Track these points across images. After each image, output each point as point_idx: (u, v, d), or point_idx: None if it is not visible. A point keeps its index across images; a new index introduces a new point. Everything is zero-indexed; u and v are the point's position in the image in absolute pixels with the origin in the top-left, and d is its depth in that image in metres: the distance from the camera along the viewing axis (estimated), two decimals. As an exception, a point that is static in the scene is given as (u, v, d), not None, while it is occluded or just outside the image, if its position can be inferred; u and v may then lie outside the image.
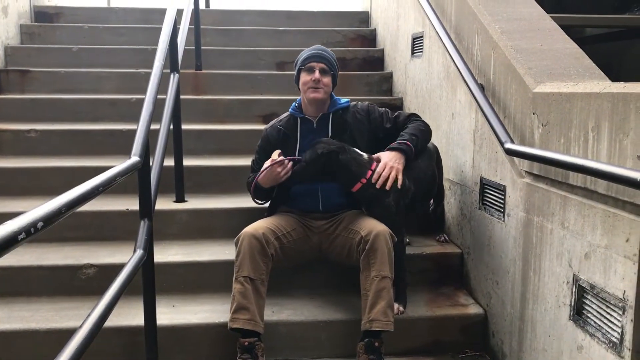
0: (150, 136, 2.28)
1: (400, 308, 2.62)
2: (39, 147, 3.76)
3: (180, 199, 3.35)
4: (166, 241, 3.07)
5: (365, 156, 2.59)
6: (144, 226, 2.19)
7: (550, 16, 2.89)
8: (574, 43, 2.59)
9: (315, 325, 2.60)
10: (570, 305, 1.96)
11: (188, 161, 3.47)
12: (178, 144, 3.34)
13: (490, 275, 2.66)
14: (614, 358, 1.72)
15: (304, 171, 2.57)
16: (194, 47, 4.49)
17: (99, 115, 4.11)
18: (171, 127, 3.15)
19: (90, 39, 4.91)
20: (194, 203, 3.32)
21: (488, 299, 2.69)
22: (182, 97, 3.52)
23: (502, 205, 2.53)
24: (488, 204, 2.70)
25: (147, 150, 2.20)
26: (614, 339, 1.72)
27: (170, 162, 3.24)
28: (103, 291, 1.72)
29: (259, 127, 3.89)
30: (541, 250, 2.17)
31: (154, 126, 2.43)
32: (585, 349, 1.87)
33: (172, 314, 2.61)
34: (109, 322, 1.74)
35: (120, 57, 4.67)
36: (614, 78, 2.19)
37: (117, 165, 1.88)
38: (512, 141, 2.27)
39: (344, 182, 2.58)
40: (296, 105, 2.80)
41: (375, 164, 2.58)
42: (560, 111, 2.05)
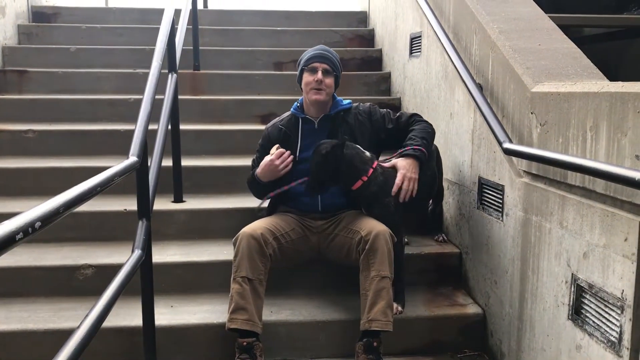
0: (149, 136, 2.27)
1: (399, 308, 2.62)
2: (37, 148, 3.75)
3: (178, 199, 3.35)
4: (164, 241, 3.06)
5: (367, 153, 2.59)
6: (142, 226, 2.18)
7: (549, 16, 2.89)
8: (572, 43, 2.59)
9: (314, 325, 2.59)
10: (568, 304, 1.96)
11: (186, 161, 3.46)
12: (176, 144, 3.34)
13: (489, 275, 2.66)
14: (612, 357, 1.72)
15: (314, 180, 2.56)
16: (191, 48, 4.48)
17: (97, 115, 4.10)
18: (169, 128, 3.15)
19: (88, 39, 4.90)
20: (192, 203, 3.32)
21: (486, 299, 2.69)
22: (180, 97, 3.52)
23: (501, 205, 2.53)
24: (486, 203, 2.70)
25: (145, 151, 2.20)
26: (613, 338, 1.72)
27: (168, 163, 3.24)
28: (101, 292, 1.71)
29: (257, 127, 3.91)
30: (540, 249, 2.17)
31: (152, 126, 2.43)
32: (584, 349, 1.88)
33: (171, 314, 2.60)
34: (107, 323, 1.73)
35: (118, 58, 4.66)
36: (612, 78, 2.19)
37: (115, 166, 1.88)
38: (511, 141, 2.27)
39: (346, 180, 2.57)
40: (298, 105, 2.80)
41: (376, 163, 2.59)
42: (558, 111, 2.05)
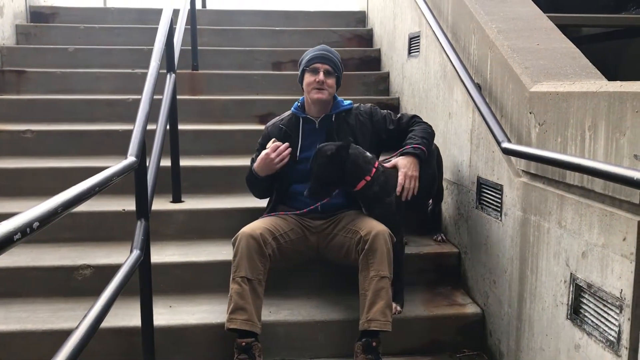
0: (147, 136, 2.27)
1: (398, 308, 2.62)
2: (35, 148, 3.75)
3: (177, 199, 3.34)
4: (163, 242, 3.06)
5: (367, 153, 2.60)
6: (140, 226, 2.18)
7: (547, 15, 2.89)
8: (571, 42, 2.59)
9: (313, 326, 2.59)
10: (567, 304, 1.96)
11: (185, 161, 3.46)
12: (174, 144, 3.34)
13: (488, 274, 2.66)
14: (611, 357, 1.72)
15: (317, 184, 2.54)
16: (190, 48, 4.48)
17: (96, 115, 4.09)
18: (168, 128, 3.14)
19: (86, 39, 4.89)
20: (190, 203, 3.32)
21: (485, 299, 2.69)
22: (179, 98, 3.52)
23: (499, 205, 2.53)
24: (485, 203, 2.70)
25: (144, 151, 2.20)
26: (611, 338, 1.72)
27: (166, 163, 3.24)
28: (100, 292, 1.71)
29: (256, 127, 3.91)
30: (538, 249, 2.17)
31: (150, 126, 2.43)
32: (582, 348, 1.88)
33: (169, 314, 2.60)
34: (106, 323, 1.73)
35: (116, 58, 4.65)
36: (611, 77, 2.19)
37: (114, 166, 1.88)
38: (509, 140, 2.27)
39: (350, 180, 2.56)
40: (299, 104, 2.80)
41: (378, 163, 2.59)
42: (557, 110, 2.05)
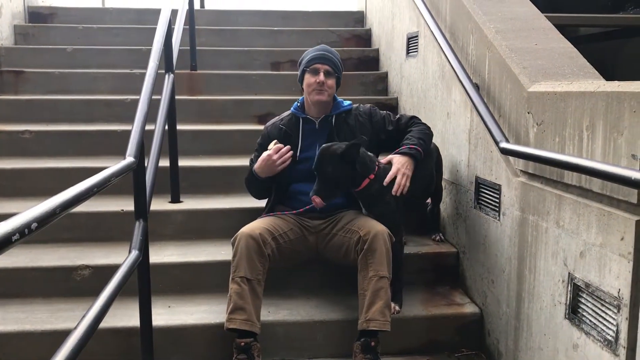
0: (146, 137, 2.27)
1: (397, 307, 2.62)
2: (34, 148, 3.74)
3: (175, 200, 3.34)
4: (162, 242, 3.06)
5: (369, 152, 2.61)
6: (139, 227, 2.18)
7: (545, 15, 2.90)
8: (569, 42, 2.60)
9: (312, 325, 2.59)
10: (565, 303, 1.97)
11: (183, 162, 3.46)
12: (173, 144, 3.34)
13: (486, 274, 2.67)
14: (609, 356, 1.72)
15: (325, 183, 2.49)
16: (188, 48, 4.48)
17: (94, 116, 4.09)
18: (166, 128, 3.14)
19: (84, 40, 4.89)
20: (189, 203, 3.32)
21: (484, 298, 2.70)
22: (177, 98, 3.52)
23: (498, 205, 2.53)
24: (483, 203, 2.70)
25: (142, 151, 2.20)
26: (609, 337, 1.72)
27: (165, 163, 3.24)
28: (98, 292, 1.71)
29: (254, 128, 3.91)
30: (536, 249, 2.17)
31: (149, 127, 2.43)
32: (580, 348, 1.88)
33: (168, 314, 2.60)
34: (105, 323, 1.73)
35: (115, 58, 4.65)
36: (609, 77, 2.19)
37: (112, 166, 1.88)
38: (507, 140, 2.27)
39: (356, 179, 2.55)
40: (298, 104, 2.81)
41: (378, 161, 2.60)
42: (555, 110, 2.06)
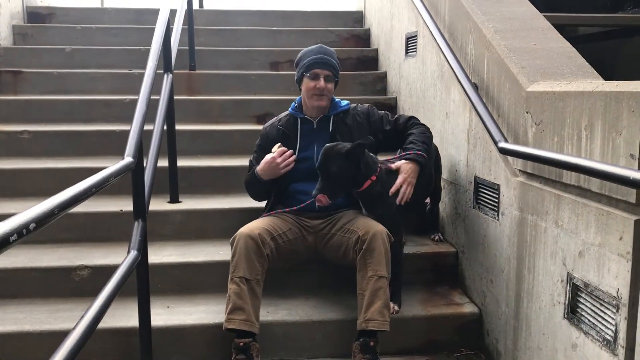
0: (144, 137, 2.27)
1: (395, 307, 2.62)
2: (32, 149, 3.74)
3: (174, 200, 3.34)
4: (161, 242, 3.06)
5: (371, 153, 2.61)
6: (137, 227, 2.18)
7: (544, 15, 2.90)
8: (567, 42, 2.60)
9: (310, 325, 2.59)
10: (564, 303, 1.97)
11: (182, 162, 3.46)
12: (172, 144, 3.34)
13: (485, 274, 2.67)
14: (608, 356, 1.72)
15: (329, 182, 2.48)
16: (187, 48, 4.48)
17: (93, 116, 4.09)
18: (165, 128, 3.14)
19: (83, 40, 4.89)
20: (188, 204, 3.32)
21: (483, 298, 2.70)
22: (176, 98, 3.52)
23: (496, 204, 2.53)
24: (482, 203, 2.71)
25: (141, 151, 2.20)
26: (608, 337, 1.72)
27: (164, 163, 3.23)
28: (97, 292, 1.71)
29: (253, 128, 3.91)
30: (535, 249, 2.17)
31: (147, 127, 2.43)
32: (579, 347, 1.88)
33: (167, 314, 2.60)
34: (103, 324, 1.73)
35: (113, 58, 4.65)
36: (607, 77, 2.19)
37: (111, 166, 1.88)
38: (506, 140, 2.27)
39: (359, 180, 2.54)
40: (296, 105, 2.81)
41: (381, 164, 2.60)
42: (553, 110, 2.06)
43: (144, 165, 2.37)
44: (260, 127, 2.99)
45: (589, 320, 1.83)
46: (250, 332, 2.37)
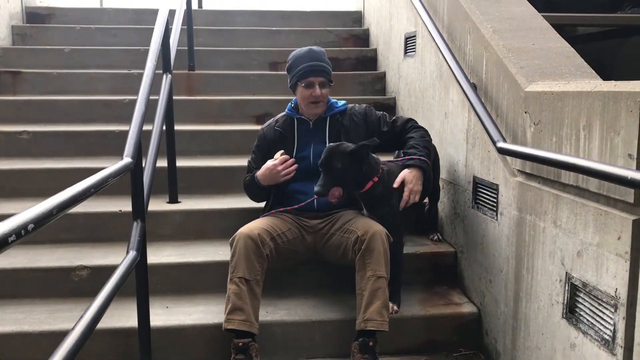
0: (143, 137, 2.27)
1: (395, 307, 2.62)
2: (31, 149, 3.74)
3: (173, 200, 3.34)
4: (160, 242, 3.06)
5: (373, 155, 2.61)
6: (136, 227, 2.18)
7: (542, 15, 2.90)
8: (566, 42, 2.60)
9: (310, 325, 2.59)
10: (563, 303, 1.97)
11: (181, 162, 3.46)
12: (171, 144, 3.34)
13: (484, 274, 2.67)
14: (606, 356, 1.72)
15: (331, 181, 2.46)
16: (186, 48, 4.48)
17: (92, 116, 4.09)
18: (164, 128, 3.14)
19: (82, 40, 4.89)
20: (187, 204, 3.32)
21: (482, 298, 2.70)
22: (175, 98, 3.51)
23: (495, 204, 2.53)
24: (481, 203, 2.71)
25: (140, 152, 2.20)
26: (607, 337, 1.72)
27: (163, 163, 3.24)
28: (96, 293, 1.71)
29: (253, 128, 3.91)
30: (534, 248, 2.17)
31: (146, 127, 2.43)
32: (578, 347, 1.88)
33: (166, 315, 2.60)
34: (102, 324, 1.73)
35: (112, 58, 4.65)
36: (606, 77, 2.19)
37: (109, 167, 1.88)
38: (505, 140, 2.27)
39: (361, 180, 2.54)
40: (292, 105, 2.81)
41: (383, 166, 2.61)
42: (552, 110, 2.06)
43: (143, 165, 2.37)
44: (259, 127, 2.99)
45: (588, 320, 1.83)
46: (250, 333, 2.37)
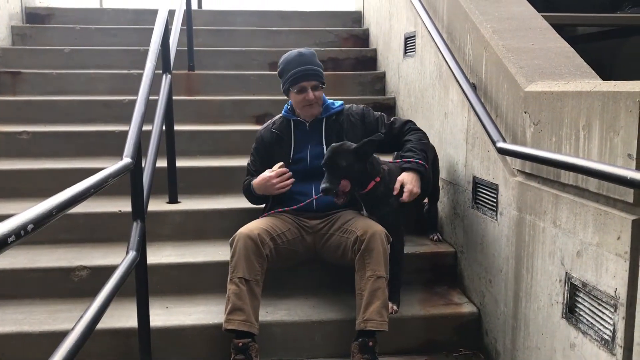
0: (143, 137, 2.27)
1: (394, 307, 2.62)
2: (31, 149, 3.74)
3: (173, 200, 3.34)
4: (160, 242, 3.06)
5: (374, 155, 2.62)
6: (136, 227, 2.18)
7: (542, 15, 2.90)
8: (565, 42, 2.60)
9: (309, 326, 2.60)
10: (562, 303, 1.97)
11: (181, 162, 3.46)
12: (171, 145, 3.34)
13: (484, 274, 2.67)
14: (606, 355, 1.72)
15: (336, 180, 2.45)
16: (186, 48, 4.48)
17: (92, 116, 4.09)
18: (164, 128, 3.14)
19: (82, 40, 4.89)
20: (187, 204, 3.32)
21: (481, 298, 2.70)
22: (175, 98, 3.51)
23: (495, 204, 2.53)
24: (481, 202, 2.71)
25: (140, 152, 2.20)
26: (606, 337, 1.72)
27: (163, 163, 3.24)
28: (96, 293, 1.71)
29: (252, 128, 3.91)
30: (534, 248, 2.18)
31: (146, 127, 2.43)
32: (577, 347, 1.88)
33: (166, 315, 2.60)
34: (102, 324, 1.73)
35: (112, 58, 4.65)
36: (606, 77, 2.19)
37: (109, 167, 1.88)
38: (504, 140, 2.27)
39: (364, 180, 2.53)
40: (288, 107, 2.81)
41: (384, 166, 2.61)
42: (551, 110, 2.06)
43: (143, 165, 2.37)
44: (259, 127, 2.99)
45: (587, 320, 1.83)
46: (250, 333, 2.38)
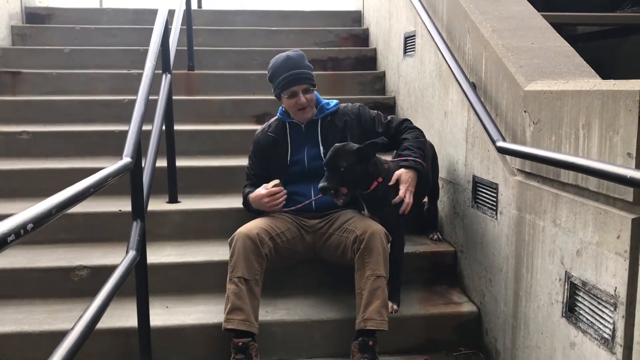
0: (143, 137, 2.27)
1: (394, 307, 2.62)
2: (31, 149, 3.74)
3: (173, 200, 3.34)
4: (159, 242, 3.06)
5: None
6: (136, 227, 2.18)
7: (542, 14, 2.90)
8: (565, 41, 2.60)
9: (309, 325, 2.60)
10: (562, 302, 1.97)
11: (181, 162, 3.46)
12: (170, 144, 3.34)
13: (484, 273, 2.67)
14: (606, 354, 1.72)
15: (339, 180, 2.45)
16: (186, 48, 4.48)
17: (91, 116, 4.09)
18: (164, 128, 3.14)
19: (82, 40, 4.89)
20: (187, 204, 3.32)
21: (481, 297, 2.70)
22: (175, 98, 3.51)
23: (495, 203, 2.53)
24: (481, 202, 2.71)
25: (139, 151, 2.20)
26: (606, 336, 1.72)
27: (163, 163, 3.24)
28: (96, 293, 1.71)
29: (252, 127, 3.90)
30: (533, 247, 2.18)
31: (146, 127, 2.43)
32: (577, 346, 1.88)
33: (166, 315, 2.60)
34: (102, 324, 1.73)
35: (112, 58, 4.65)
36: (606, 76, 2.19)
37: (109, 167, 1.88)
38: (504, 139, 2.27)
39: (366, 181, 2.53)
40: (283, 109, 2.80)
41: (386, 166, 2.61)
42: (551, 109, 2.06)
43: (143, 165, 2.37)
44: (258, 127, 2.99)
45: (587, 318, 1.84)
46: (249, 332, 2.38)
